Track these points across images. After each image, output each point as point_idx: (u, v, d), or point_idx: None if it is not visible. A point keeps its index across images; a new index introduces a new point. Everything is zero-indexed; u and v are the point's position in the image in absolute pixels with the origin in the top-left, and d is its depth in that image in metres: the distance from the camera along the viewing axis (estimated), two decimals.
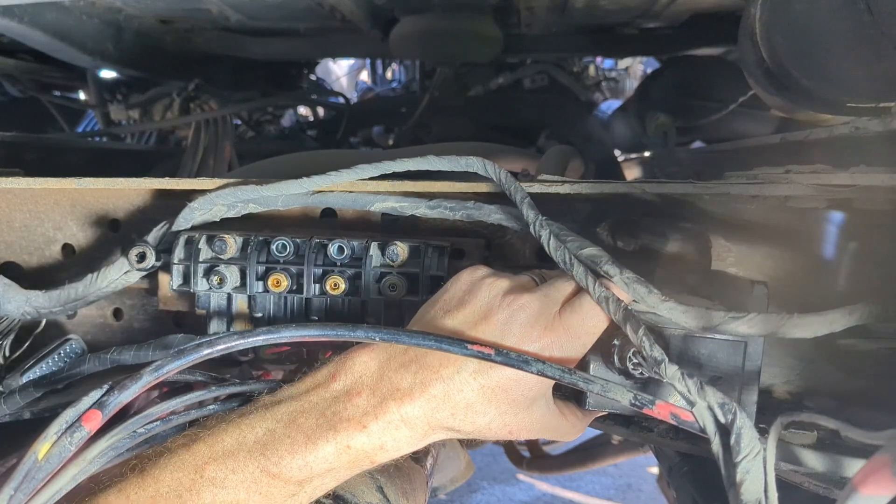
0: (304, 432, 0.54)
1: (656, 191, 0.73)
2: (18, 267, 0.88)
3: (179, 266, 0.75)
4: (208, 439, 0.53)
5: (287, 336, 0.57)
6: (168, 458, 0.52)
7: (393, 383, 0.56)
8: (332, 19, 1.54)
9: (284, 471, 0.53)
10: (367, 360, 0.58)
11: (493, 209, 0.72)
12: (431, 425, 0.56)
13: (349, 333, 0.56)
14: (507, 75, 2.11)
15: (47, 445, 0.50)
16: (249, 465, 0.52)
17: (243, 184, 0.75)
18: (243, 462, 0.52)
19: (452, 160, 0.72)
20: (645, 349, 0.57)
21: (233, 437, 0.54)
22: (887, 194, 0.63)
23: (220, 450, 0.53)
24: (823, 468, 0.55)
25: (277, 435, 0.54)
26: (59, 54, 1.49)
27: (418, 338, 0.55)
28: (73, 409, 0.53)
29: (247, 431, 0.54)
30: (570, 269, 0.63)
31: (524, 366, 0.54)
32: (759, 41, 0.78)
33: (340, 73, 3.83)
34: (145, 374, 0.54)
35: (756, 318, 0.59)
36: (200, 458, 0.52)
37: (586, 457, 2.17)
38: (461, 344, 0.54)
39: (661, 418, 0.55)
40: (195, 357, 0.55)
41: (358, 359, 0.58)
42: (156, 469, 0.51)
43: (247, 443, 0.53)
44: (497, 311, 0.59)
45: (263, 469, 0.52)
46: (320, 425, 0.54)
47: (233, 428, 0.54)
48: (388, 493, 0.77)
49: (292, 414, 0.55)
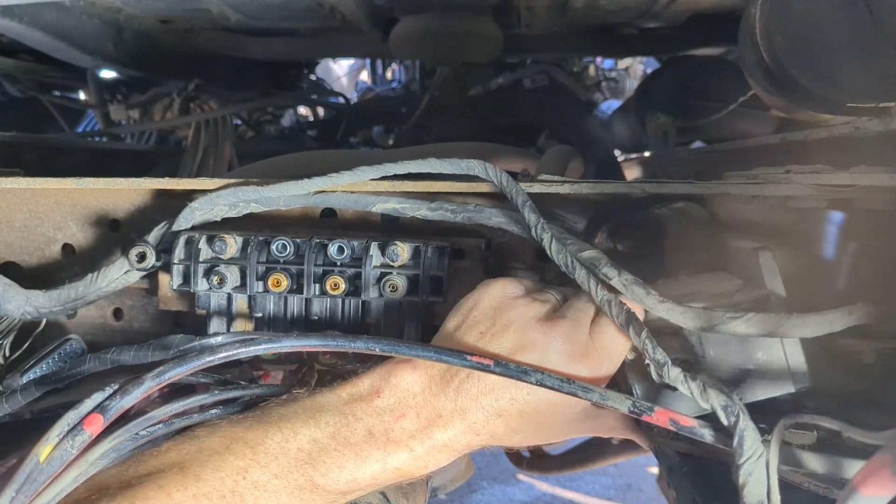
0: (352, 448, 0.54)
1: (656, 191, 0.73)
2: (18, 267, 0.88)
3: (179, 266, 0.75)
4: (250, 439, 0.53)
5: (288, 346, 0.57)
6: (209, 457, 0.51)
7: (436, 409, 0.57)
8: (332, 19, 1.54)
9: (331, 483, 0.53)
10: (412, 381, 0.58)
11: (495, 212, 0.72)
12: (471, 446, 0.58)
13: (349, 344, 0.56)
14: (507, 75, 2.11)
15: (49, 448, 0.50)
16: (294, 472, 0.52)
17: (244, 184, 0.75)
18: (288, 468, 0.52)
19: (454, 163, 0.72)
20: (648, 352, 0.57)
21: (275, 441, 0.53)
22: (887, 194, 0.63)
23: (262, 453, 0.52)
24: (824, 469, 0.55)
25: (323, 446, 0.54)
26: (59, 54, 1.49)
27: (417, 349, 0.56)
28: (74, 412, 0.53)
29: (290, 436, 0.53)
30: (572, 273, 0.63)
31: (523, 377, 0.55)
32: (759, 41, 0.78)
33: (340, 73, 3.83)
34: (148, 379, 0.54)
35: (754, 317, 0.58)
36: (243, 459, 0.51)
37: (586, 457, 2.17)
38: (461, 356, 0.55)
39: (660, 425, 0.55)
40: (198, 364, 0.55)
41: (402, 377, 0.58)
42: (196, 466, 0.50)
43: (290, 449, 0.53)
44: (536, 341, 0.59)
45: (309, 479, 0.52)
46: (368, 443, 0.55)
47: (274, 430, 0.54)
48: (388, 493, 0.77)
49: (337, 425, 0.55)
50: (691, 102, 1.67)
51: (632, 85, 2.75)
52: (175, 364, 0.55)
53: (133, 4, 1.41)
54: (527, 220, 0.67)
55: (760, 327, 0.58)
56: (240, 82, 1.97)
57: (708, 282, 0.66)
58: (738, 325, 0.58)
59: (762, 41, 0.77)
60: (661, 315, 0.60)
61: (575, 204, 0.76)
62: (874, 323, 0.60)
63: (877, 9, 0.56)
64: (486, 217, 0.73)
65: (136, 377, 0.55)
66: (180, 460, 0.51)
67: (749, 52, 0.81)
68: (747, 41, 0.81)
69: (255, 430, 0.54)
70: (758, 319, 0.58)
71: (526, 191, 0.74)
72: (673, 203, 0.73)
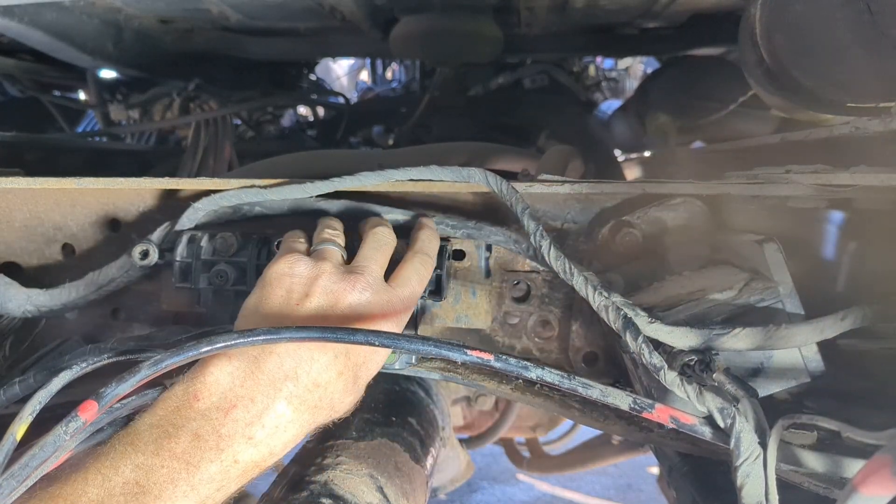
0: (179, 458, 0.50)
1: (656, 191, 0.73)
2: (19, 267, 0.88)
3: (181, 264, 0.75)
4: (68, 495, 0.47)
5: (286, 337, 0.57)
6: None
7: (270, 383, 0.55)
8: (332, 19, 1.54)
9: (168, 502, 0.49)
10: (231, 371, 0.56)
11: (494, 230, 0.74)
12: (315, 414, 0.58)
13: (349, 337, 0.56)
14: (507, 75, 2.11)
15: (24, 427, 0.50)
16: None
17: (248, 187, 0.75)
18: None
19: (455, 171, 0.72)
20: (644, 356, 0.57)
21: (96, 486, 0.48)
22: (887, 194, 0.63)
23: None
24: (824, 469, 0.55)
25: (148, 467, 0.49)
26: (59, 54, 1.49)
27: (418, 343, 0.56)
28: (44, 391, 0.54)
29: (110, 474, 0.49)
30: (570, 279, 0.64)
31: (524, 372, 0.55)
32: (759, 41, 0.78)
33: (340, 73, 3.83)
34: (144, 367, 0.54)
35: (742, 332, 0.58)
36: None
37: (586, 457, 2.17)
38: (461, 350, 0.55)
39: (660, 422, 0.55)
40: (194, 353, 0.54)
41: (220, 370, 0.56)
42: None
43: (114, 487, 0.48)
44: (342, 290, 0.61)
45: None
46: (197, 447, 0.51)
47: (93, 475, 0.49)
48: (388, 493, 0.77)
49: (157, 442, 0.51)
50: (691, 102, 1.67)
51: (632, 85, 2.75)
52: (172, 353, 0.55)
53: (133, 4, 1.41)
54: (526, 227, 0.68)
55: (750, 341, 0.58)
56: (240, 82, 1.97)
57: (714, 277, 0.66)
58: (728, 342, 0.58)
59: (762, 41, 0.77)
60: (650, 336, 0.60)
61: (575, 204, 0.77)
62: (871, 324, 0.60)
63: (877, 9, 0.56)
64: (485, 235, 0.74)
65: (133, 367, 0.55)
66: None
67: (749, 52, 0.81)
68: (747, 41, 0.81)
69: (72, 483, 0.48)
70: (747, 334, 0.58)
71: (527, 192, 0.74)
72: (672, 200, 0.73)
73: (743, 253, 0.66)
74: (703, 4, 1.50)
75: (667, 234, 0.72)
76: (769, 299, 0.62)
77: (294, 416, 0.56)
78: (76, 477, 0.49)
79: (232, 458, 0.53)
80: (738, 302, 0.63)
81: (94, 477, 0.49)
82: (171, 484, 0.49)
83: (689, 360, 0.58)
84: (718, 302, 0.63)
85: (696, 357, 0.58)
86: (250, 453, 0.54)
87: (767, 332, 0.58)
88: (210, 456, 0.52)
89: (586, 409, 0.76)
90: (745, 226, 0.72)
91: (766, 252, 0.62)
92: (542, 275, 0.78)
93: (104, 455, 0.50)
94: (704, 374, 0.56)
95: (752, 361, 0.62)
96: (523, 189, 0.74)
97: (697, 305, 0.63)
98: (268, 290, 0.62)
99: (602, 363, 0.78)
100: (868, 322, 0.60)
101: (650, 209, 0.73)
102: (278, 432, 0.55)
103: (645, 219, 0.73)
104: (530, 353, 0.80)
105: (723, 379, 0.56)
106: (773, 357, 0.61)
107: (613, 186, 0.74)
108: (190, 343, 0.55)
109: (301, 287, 0.61)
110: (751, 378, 0.61)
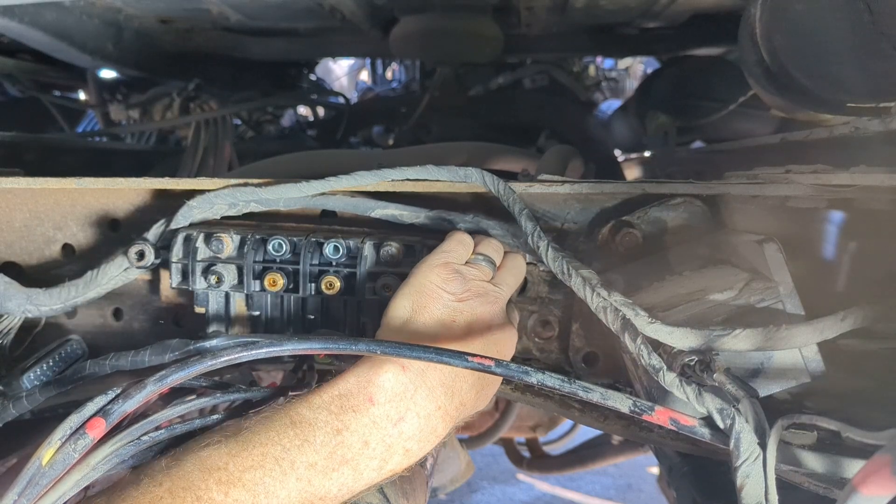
0: (349, 463, 0.53)
1: (656, 191, 0.73)
2: (18, 267, 0.88)
3: (178, 264, 0.75)
4: (247, 481, 0.49)
5: (290, 349, 0.57)
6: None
7: (428, 401, 0.58)
8: (332, 19, 1.54)
9: (329, 499, 0.53)
10: (405, 381, 0.57)
11: (492, 224, 0.74)
12: (455, 422, 0.61)
13: (351, 347, 0.56)
14: (507, 75, 2.11)
15: (51, 451, 0.50)
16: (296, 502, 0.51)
17: (244, 185, 0.75)
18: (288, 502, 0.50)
19: (451, 171, 0.72)
20: (643, 357, 0.57)
21: (273, 479, 0.50)
22: (887, 194, 0.63)
23: (263, 495, 0.49)
24: (824, 469, 0.55)
25: (321, 469, 0.52)
26: (59, 54, 1.49)
27: (419, 351, 0.56)
28: (77, 415, 0.53)
29: (287, 468, 0.51)
30: (568, 280, 0.64)
31: (524, 376, 0.55)
32: (759, 41, 0.78)
33: (340, 73, 3.83)
34: (150, 383, 0.54)
35: (742, 333, 0.58)
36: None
37: (586, 457, 2.17)
38: (462, 357, 0.55)
39: (660, 424, 0.55)
40: (199, 368, 0.55)
41: (393, 379, 0.57)
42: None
43: (289, 481, 0.51)
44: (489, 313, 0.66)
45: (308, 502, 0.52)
46: (364, 454, 0.54)
47: (271, 464, 0.51)
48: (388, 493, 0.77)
49: (333, 445, 0.53)
50: (691, 102, 1.67)
51: (632, 85, 2.75)
52: (177, 368, 0.55)
53: (133, 4, 1.41)
54: (524, 228, 0.68)
55: (750, 342, 0.58)
56: (240, 82, 1.97)
57: (714, 277, 0.66)
58: (728, 342, 0.58)
59: (762, 41, 0.77)
60: (651, 336, 0.60)
61: (575, 204, 0.77)
62: (870, 325, 0.60)
63: (877, 9, 0.56)
64: (483, 230, 0.74)
65: (139, 381, 0.55)
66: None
67: (749, 52, 0.81)
68: (747, 41, 0.81)
69: (252, 471, 0.50)
70: (747, 334, 0.58)
71: (526, 192, 0.74)
72: (672, 200, 0.73)
73: (743, 253, 0.66)
74: (703, 4, 1.50)
75: (667, 234, 0.72)
76: (769, 299, 0.62)
77: (442, 431, 0.59)
78: (255, 466, 0.50)
79: (389, 468, 0.56)
80: (738, 302, 0.63)
81: (273, 468, 0.50)
82: (337, 487, 0.53)
83: (690, 361, 0.58)
84: (718, 302, 0.63)
85: (697, 357, 0.58)
86: (400, 463, 0.57)
87: (767, 332, 0.58)
88: (374, 465, 0.55)
89: (586, 409, 0.76)
90: (745, 226, 0.72)
91: (766, 252, 0.62)
92: (539, 266, 0.78)
93: (281, 445, 0.51)
94: (704, 374, 0.56)
95: (752, 362, 0.61)
96: (523, 189, 0.74)
97: (697, 306, 0.63)
98: (424, 300, 0.63)
99: (602, 363, 0.78)
100: (868, 322, 0.60)
101: (650, 209, 0.73)
102: (426, 445, 0.58)
103: (645, 219, 0.73)
104: (530, 353, 0.80)
105: (723, 379, 0.56)
106: (773, 357, 0.61)
107: (613, 186, 0.74)
108: (194, 357, 0.55)
109: (453, 304, 0.64)
110: (751, 378, 0.61)
